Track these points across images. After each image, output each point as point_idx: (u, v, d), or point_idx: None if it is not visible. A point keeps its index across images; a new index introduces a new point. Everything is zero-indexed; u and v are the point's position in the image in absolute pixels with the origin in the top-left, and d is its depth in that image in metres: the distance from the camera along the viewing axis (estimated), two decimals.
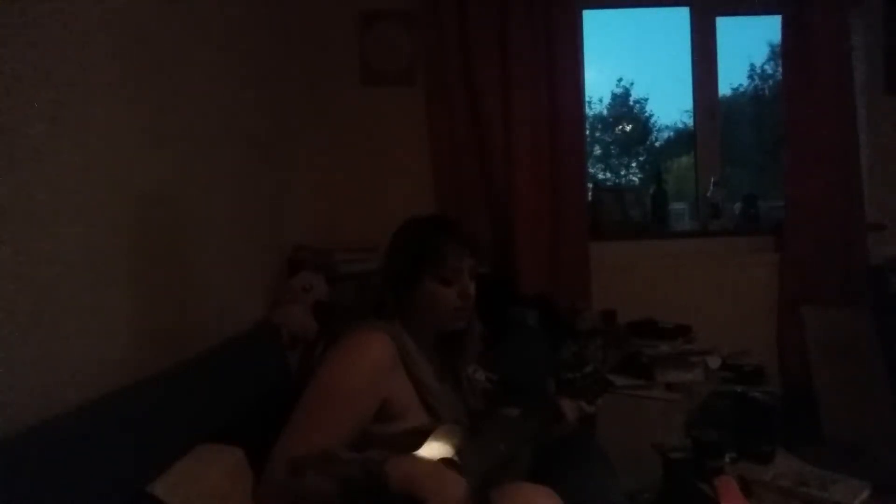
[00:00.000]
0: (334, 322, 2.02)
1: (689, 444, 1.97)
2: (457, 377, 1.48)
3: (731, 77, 4.78)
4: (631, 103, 5.58)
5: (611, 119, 5.44)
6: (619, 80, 5.51)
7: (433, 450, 1.22)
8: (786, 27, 2.70)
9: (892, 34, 2.75)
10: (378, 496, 1.08)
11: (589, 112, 3.87)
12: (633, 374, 2.27)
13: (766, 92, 4.43)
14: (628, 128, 5.49)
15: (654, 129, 5.40)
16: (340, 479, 1.09)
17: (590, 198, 2.87)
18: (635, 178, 5.23)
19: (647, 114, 5.49)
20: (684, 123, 4.21)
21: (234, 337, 1.78)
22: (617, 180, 5.09)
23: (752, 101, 4.63)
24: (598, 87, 6.16)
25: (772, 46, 4.15)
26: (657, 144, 5.35)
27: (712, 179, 2.89)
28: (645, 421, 2.22)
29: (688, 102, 3.04)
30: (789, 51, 2.72)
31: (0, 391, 1.02)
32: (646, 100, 5.43)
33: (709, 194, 2.89)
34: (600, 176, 4.85)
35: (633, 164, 5.33)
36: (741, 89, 4.67)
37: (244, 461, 1.32)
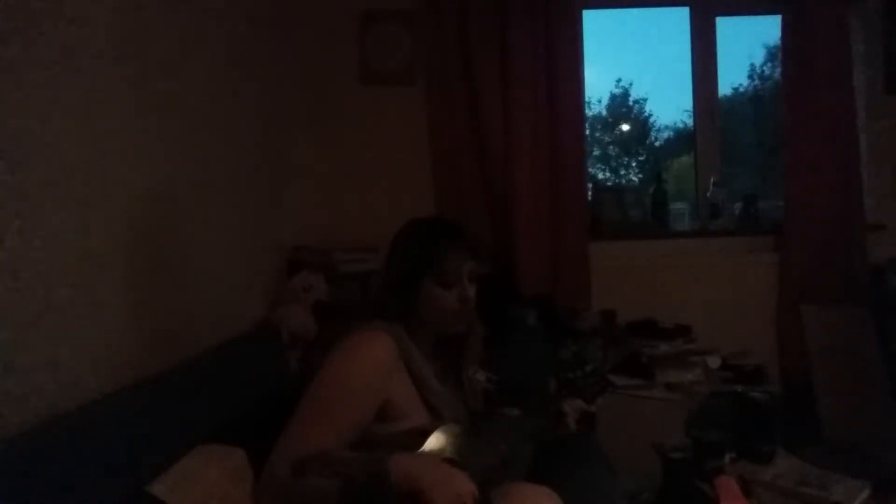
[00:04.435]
0: (335, 322, 2.03)
1: (689, 444, 1.97)
2: (458, 378, 1.47)
3: (731, 77, 4.78)
4: (630, 103, 5.58)
5: (610, 119, 5.44)
6: (619, 80, 5.52)
7: (434, 449, 1.22)
8: (786, 27, 2.70)
9: (892, 34, 2.74)
10: (380, 495, 1.08)
11: (588, 112, 3.87)
12: (633, 374, 2.27)
13: (766, 92, 4.44)
14: (626, 128, 5.49)
15: (654, 128, 5.41)
16: (342, 478, 1.09)
17: (590, 198, 2.87)
18: (635, 178, 5.23)
19: (646, 114, 5.50)
20: (684, 123, 4.22)
21: (234, 337, 1.78)
22: (617, 180, 5.09)
23: (752, 101, 4.62)
24: (597, 88, 6.16)
25: (768, 48, 4.16)
26: (657, 144, 5.35)
27: (712, 179, 2.89)
28: (645, 421, 2.22)
29: (688, 102, 3.05)
30: (789, 51, 2.71)
31: (1, 391, 1.02)
32: (645, 100, 5.44)
33: (709, 194, 2.88)
34: (600, 176, 4.86)
35: (633, 164, 5.33)
36: (741, 89, 4.67)
37: (245, 461, 1.32)
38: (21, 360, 1.06)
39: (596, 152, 4.90)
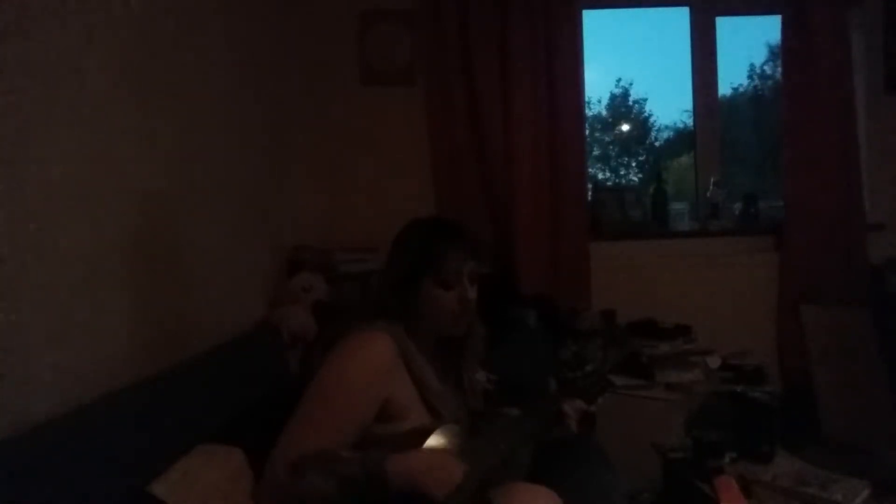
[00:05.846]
0: (335, 322, 2.03)
1: (689, 444, 1.97)
2: (458, 378, 1.47)
3: (731, 77, 4.77)
4: (630, 103, 5.58)
5: (610, 119, 5.44)
6: (619, 80, 5.51)
7: (433, 449, 1.23)
8: (786, 27, 2.70)
9: (892, 34, 2.75)
10: (378, 494, 1.08)
11: (588, 112, 3.87)
12: (633, 374, 2.27)
13: (766, 92, 4.43)
14: (626, 128, 5.49)
15: (654, 128, 5.41)
16: (340, 478, 1.09)
17: (590, 198, 2.87)
18: (635, 178, 5.23)
19: (646, 114, 5.49)
20: (684, 123, 4.21)
21: (234, 337, 1.78)
22: (617, 180, 5.08)
23: (752, 101, 4.62)
24: (597, 88, 6.17)
25: (770, 47, 4.15)
26: (657, 144, 5.35)
27: (712, 179, 2.89)
28: (645, 421, 2.21)
29: (688, 102, 3.04)
30: (789, 51, 2.72)
31: (1, 391, 1.02)
32: (645, 100, 5.44)
33: (709, 194, 2.88)
34: (600, 176, 4.85)
35: (633, 164, 5.33)
36: (741, 89, 4.66)
37: (244, 461, 1.32)
38: (22, 359, 1.06)
39: (596, 152, 4.89)
